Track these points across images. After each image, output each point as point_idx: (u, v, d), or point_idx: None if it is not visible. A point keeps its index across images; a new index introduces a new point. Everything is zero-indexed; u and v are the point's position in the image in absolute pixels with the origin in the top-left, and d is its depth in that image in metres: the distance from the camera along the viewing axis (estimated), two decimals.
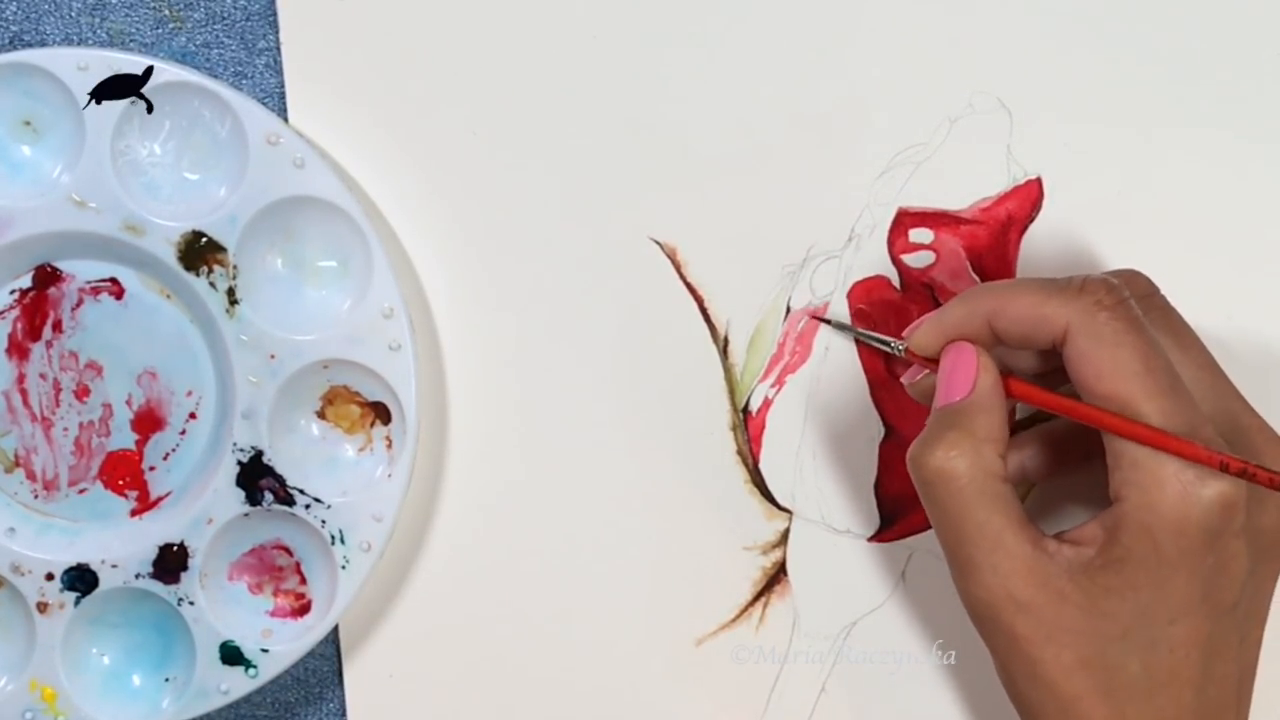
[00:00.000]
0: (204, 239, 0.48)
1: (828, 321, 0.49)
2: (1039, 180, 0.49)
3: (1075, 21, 0.49)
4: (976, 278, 0.50)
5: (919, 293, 0.50)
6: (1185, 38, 0.49)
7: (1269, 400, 0.48)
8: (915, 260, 0.50)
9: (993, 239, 0.49)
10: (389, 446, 0.50)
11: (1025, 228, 0.49)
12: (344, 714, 0.52)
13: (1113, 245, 0.49)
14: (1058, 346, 0.43)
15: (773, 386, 0.51)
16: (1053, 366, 0.45)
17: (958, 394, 0.44)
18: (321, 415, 0.50)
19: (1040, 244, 0.49)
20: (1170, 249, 0.49)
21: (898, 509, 0.51)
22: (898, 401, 0.50)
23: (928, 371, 0.45)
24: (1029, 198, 0.49)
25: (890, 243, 0.50)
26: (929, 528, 0.50)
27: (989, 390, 0.44)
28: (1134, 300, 0.43)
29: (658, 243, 0.50)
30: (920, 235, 0.50)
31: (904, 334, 0.46)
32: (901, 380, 0.47)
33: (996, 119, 0.49)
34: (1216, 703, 0.43)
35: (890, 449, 0.51)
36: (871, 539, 0.51)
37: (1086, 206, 0.49)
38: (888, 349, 0.47)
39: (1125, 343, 0.42)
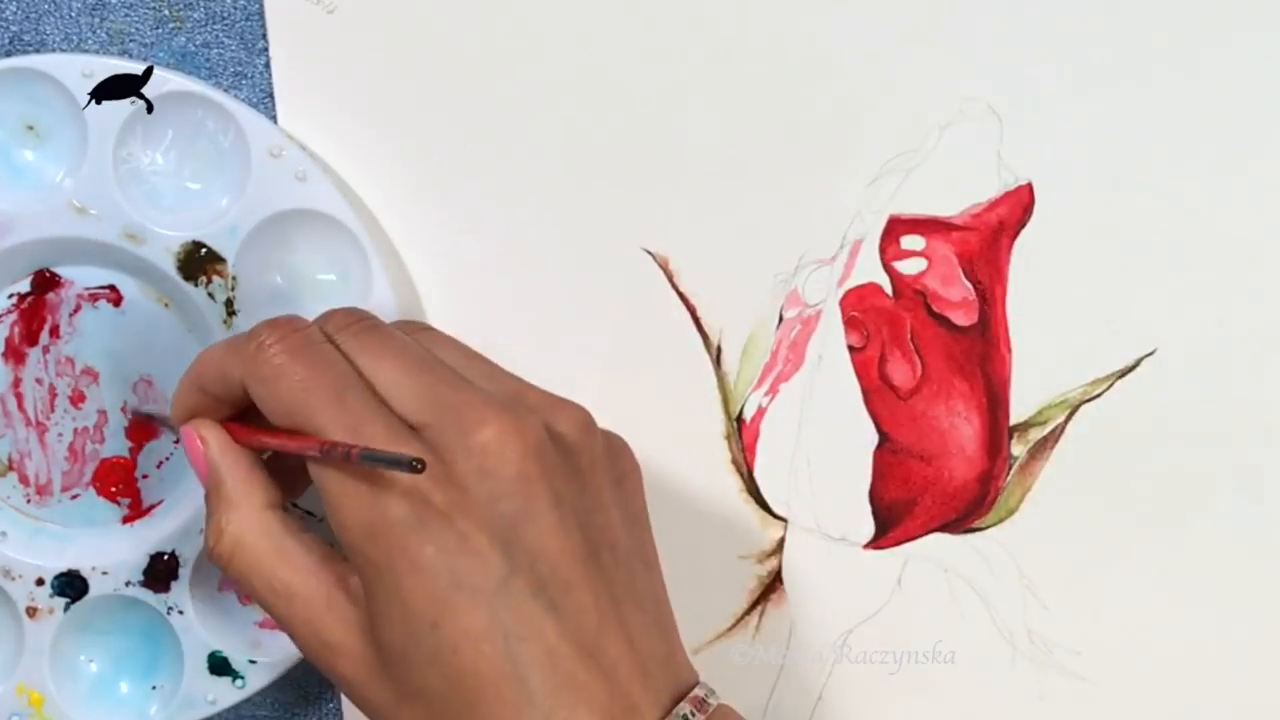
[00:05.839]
0: (204, 249, 0.48)
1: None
2: (1030, 186, 0.49)
3: (1065, 26, 0.49)
4: (968, 284, 0.50)
5: (911, 300, 0.50)
6: (1177, 41, 0.49)
7: (1261, 401, 0.48)
8: (907, 267, 0.50)
9: (984, 245, 0.50)
10: None
11: (1017, 233, 0.50)
12: (342, 717, 0.52)
13: (1105, 250, 0.49)
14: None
15: (766, 395, 0.51)
16: None
17: (203, 472, 0.43)
18: None
19: (1032, 249, 0.50)
20: (1162, 253, 0.49)
21: (893, 516, 0.50)
22: (892, 408, 0.50)
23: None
24: (1020, 203, 0.50)
25: (882, 250, 0.50)
26: (924, 534, 0.51)
27: (219, 452, 0.43)
28: (317, 330, 0.42)
29: (650, 253, 0.51)
30: (912, 242, 0.50)
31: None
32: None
33: (987, 125, 0.49)
34: (551, 684, 0.39)
35: (884, 456, 0.50)
36: (867, 546, 0.51)
37: (1078, 212, 0.49)
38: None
39: (287, 373, 0.40)
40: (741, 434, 0.51)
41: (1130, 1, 0.49)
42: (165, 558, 0.49)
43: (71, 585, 0.49)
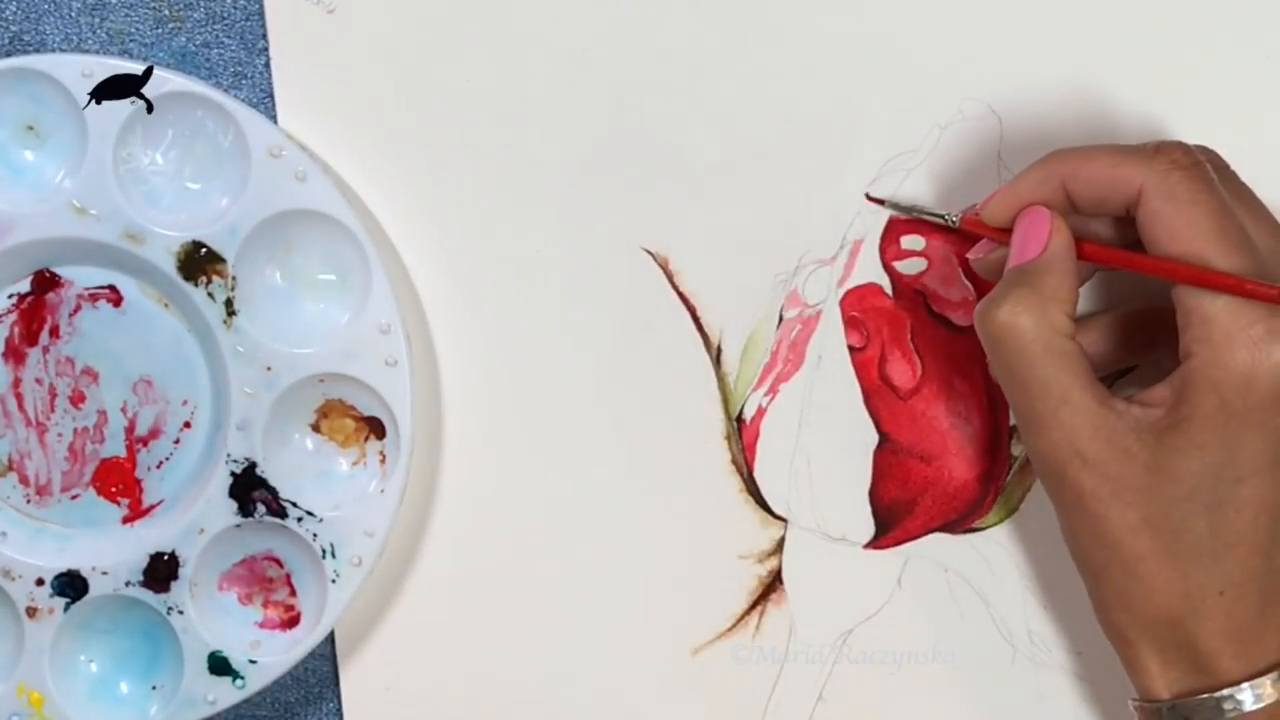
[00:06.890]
0: (204, 249, 0.48)
1: (881, 201, 0.49)
2: None
3: (1064, 27, 0.49)
4: (969, 284, 0.50)
5: (911, 299, 0.50)
6: (1175, 43, 0.49)
7: None
8: (907, 267, 0.50)
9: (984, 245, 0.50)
10: (383, 461, 0.50)
11: None
12: (341, 717, 0.52)
13: None
14: (1131, 210, 0.43)
15: (766, 395, 0.51)
16: (1124, 241, 0.45)
17: (1030, 253, 0.44)
18: (316, 428, 0.50)
19: None
20: None
21: (893, 516, 0.51)
22: (891, 408, 0.50)
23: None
24: None
25: (882, 250, 0.50)
26: (924, 534, 0.51)
27: (1061, 250, 0.44)
28: (1208, 166, 0.43)
29: (649, 252, 0.51)
30: (912, 242, 0.50)
31: (978, 207, 0.46)
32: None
33: (986, 125, 0.49)
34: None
35: (884, 456, 0.50)
36: (867, 546, 0.51)
37: None
38: (942, 222, 0.48)
39: (1200, 201, 0.42)
40: (741, 434, 0.51)
41: (1130, 2, 0.49)
42: (165, 558, 0.49)
43: (71, 585, 0.49)
